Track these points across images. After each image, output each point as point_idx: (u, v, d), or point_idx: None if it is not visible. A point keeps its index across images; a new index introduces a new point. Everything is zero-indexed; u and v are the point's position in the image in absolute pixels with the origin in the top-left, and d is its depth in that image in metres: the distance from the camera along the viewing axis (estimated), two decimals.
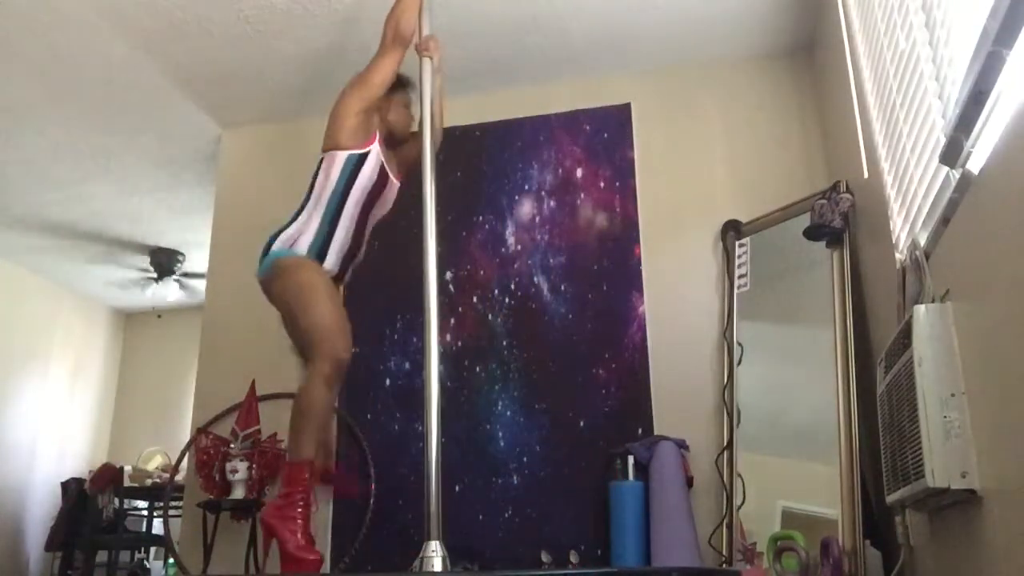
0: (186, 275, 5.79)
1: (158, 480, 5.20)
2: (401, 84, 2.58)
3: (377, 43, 3.28)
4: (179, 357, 6.37)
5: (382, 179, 2.48)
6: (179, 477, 3.75)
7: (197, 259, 5.48)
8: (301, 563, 2.03)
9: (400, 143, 2.63)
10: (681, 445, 2.82)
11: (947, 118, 1.60)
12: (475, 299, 3.28)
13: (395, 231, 3.46)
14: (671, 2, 3.03)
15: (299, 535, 2.07)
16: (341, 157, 2.42)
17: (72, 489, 5.28)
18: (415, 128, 2.53)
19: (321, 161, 2.47)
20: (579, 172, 3.35)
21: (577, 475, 2.98)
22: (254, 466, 3.05)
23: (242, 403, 3.20)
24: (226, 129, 3.87)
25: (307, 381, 2.21)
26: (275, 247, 2.37)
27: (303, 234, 2.36)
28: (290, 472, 2.17)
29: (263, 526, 2.17)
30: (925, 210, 1.77)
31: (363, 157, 2.42)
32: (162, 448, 5.67)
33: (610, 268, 3.21)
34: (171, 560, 3.66)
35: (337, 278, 2.46)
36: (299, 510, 2.11)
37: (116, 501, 5.04)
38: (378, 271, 3.43)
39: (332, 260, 2.39)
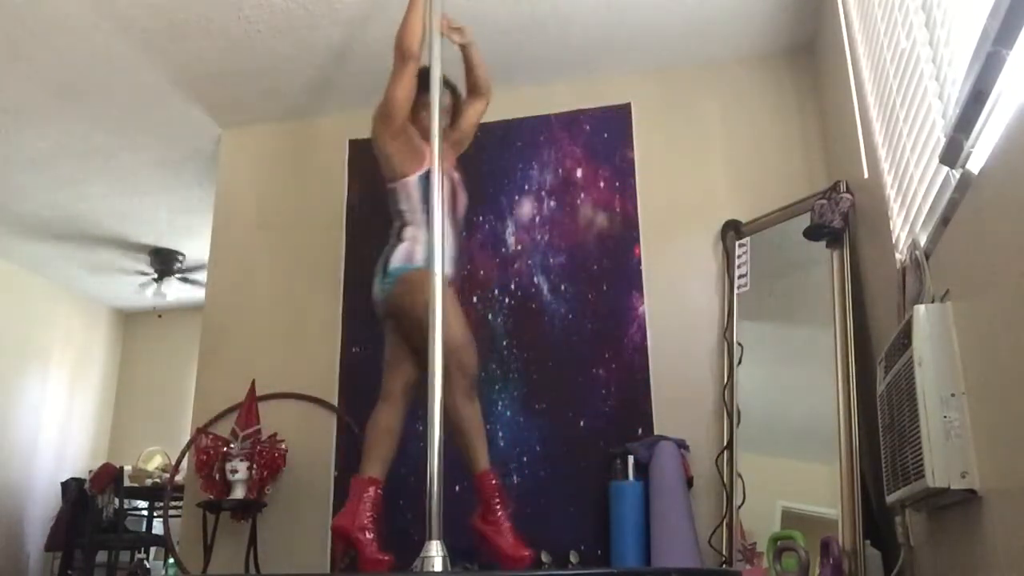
0: (186, 275, 5.79)
1: (158, 480, 5.20)
2: (422, 86, 2.54)
3: (375, 42, 3.30)
4: (179, 357, 6.37)
5: (449, 180, 2.53)
6: (179, 477, 3.75)
7: (197, 259, 5.48)
8: (517, 560, 2.26)
9: (446, 131, 2.63)
10: (681, 445, 2.82)
11: (947, 118, 1.60)
12: (475, 299, 3.28)
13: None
14: (671, 2, 3.03)
15: (508, 536, 2.30)
16: (412, 181, 2.49)
17: (72, 489, 5.28)
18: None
19: (394, 190, 2.53)
20: (579, 172, 3.35)
21: (577, 475, 2.98)
22: (254, 466, 3.05)
23: (242, 403, 3.20)
24: (226, 129, 3.87)
25: (453, 400, 2.30)
26: (394, 264, 2.45)
27: (416, 247, 2.44)
28: (478, 484, 2.39)
29: (474, 534, 2.37)
30: (925, 210, 1.77)
31: (429, 173, 2.39)
32: (162, 448, 5.67)
33: (610, 268, 3.21)
34: (171, 560, 3.65)
35: (452, 283, 2.54)
36: (500, 514, 2.34)
37: (116, 501, 5.03)
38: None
39: (448, 267, 2.42)
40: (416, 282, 2.34)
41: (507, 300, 3.25)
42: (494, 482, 2.38)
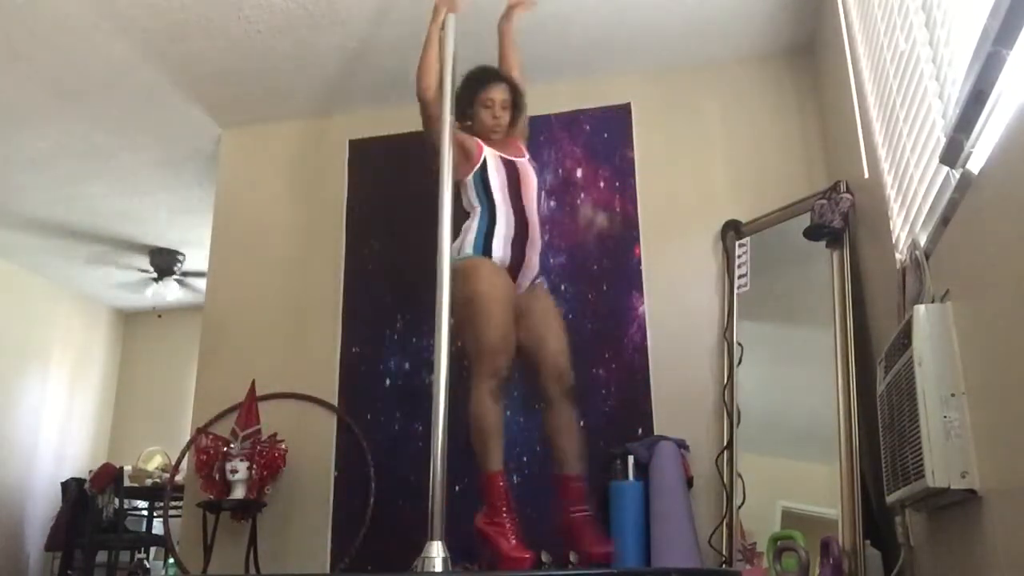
0: (186, 275, 5.79)
1: (158, 480, 5.20)
2: (477, 84, 2.66)
3: (375, 42, 3.30)
4: (179, 357, 6.37)
5: (510, 167, 2.59)
6: (179, 477, 3.75)
7: (197, 259, 5.48)
8: (517, 561, 2.24)
9: (509, 127, 2.69)
10: (681, 445, 2.82)
11: (947, 118, 1.60)
12: None
13: (395, 231, 3.47)
14: (671, 2, 3.03)
15: (511, 538, 2.28)
16: (467, 181, 2.56)
17: (72, 489, 5.28)
18: (498, 113, 2.65)
19: (457, 191, 2.55)
20: (579, 172, 3.35)
21: None
22: (254, 466, 3.05)
23: (242, 403, 3.20)
24: (226, 129, 3.87)
25: (474, 396, 2.36)
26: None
27: (467, 235, 2.51)
28: (486, 485, 2.35)
29: (477, 533, 2.35)
30: (925, 210, 1.77)
31: (483, 168, 2.55)
32: (162, 448, 5.67)
33: (610, 268, 3.21)
34: (171, 560, 3.66)
35: (515, 265, 2.52)
36: (504, 516, 2.31)
37: (116, 501, 5.03)
38: (378, 271, 3.44)
39: (499, 249, 2.49)
40: (463, 273, 2.39)
41: None
42: (502, 484, 2.37)
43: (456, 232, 2.30)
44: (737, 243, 3.09)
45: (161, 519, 4.94)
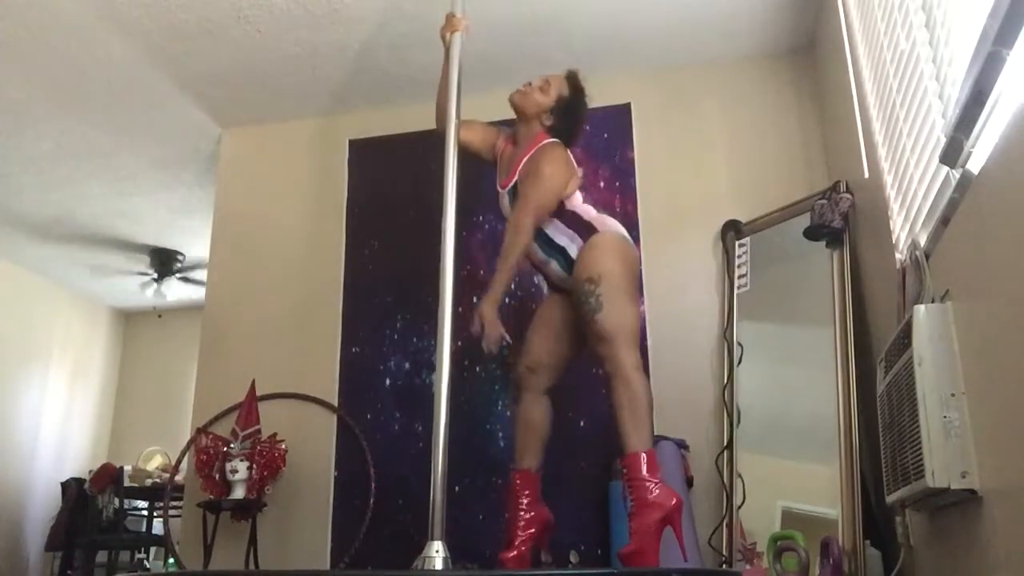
0: (186, 275, 5.80)
1: (158, 480, 5.20)
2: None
3: (375, 42, 3.30)
4: (179, 357, 6.37)
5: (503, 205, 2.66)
6: (179, 477, 3.75)
7: (197, 259, 5.48)
8: (500, 561, 2.31)
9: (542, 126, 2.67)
10: (681, 445, 2.82)
11: (947, 118, 1.60)
12: (475, 299, 3.27)
13: (395, 231, 3.47)
14: (671, 2, 3.03)
15: (506, 536, 2.36)
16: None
17: (72, 489, 5.28)
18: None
19: None
20: (579, 172, 3.34)
21: (577, 475, 2.98)
22: (254, 466, 3.05)
23: (242, 403, 3.20)
24: (226, 129, 3.87)
25: (539, 399, 2.54)
26: None
27: None
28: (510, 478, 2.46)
29: None
30: (925, 210, 1.77)
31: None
32: (162, 448, 5.67)
33: None
34: (171, 560, 3.65)
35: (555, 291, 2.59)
36: (510, 512, 2.39)
37: (116, 501, 5.03)
38: (378, 271, 3.44)
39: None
40: None
41: (507, 300, 3.24)
42: (511, 482, 2.43)
43: (458, 231, 2.29)
44: (737, 243, 3.09)
45: (161, 519, 4.94)
